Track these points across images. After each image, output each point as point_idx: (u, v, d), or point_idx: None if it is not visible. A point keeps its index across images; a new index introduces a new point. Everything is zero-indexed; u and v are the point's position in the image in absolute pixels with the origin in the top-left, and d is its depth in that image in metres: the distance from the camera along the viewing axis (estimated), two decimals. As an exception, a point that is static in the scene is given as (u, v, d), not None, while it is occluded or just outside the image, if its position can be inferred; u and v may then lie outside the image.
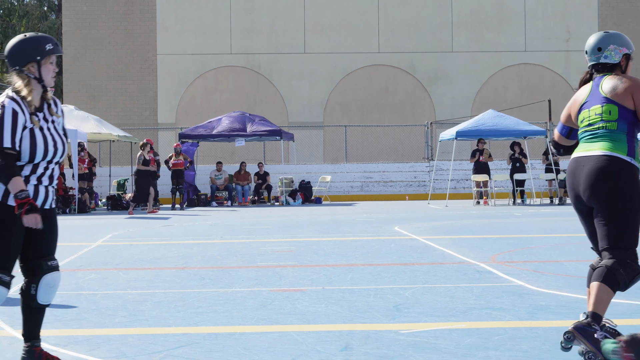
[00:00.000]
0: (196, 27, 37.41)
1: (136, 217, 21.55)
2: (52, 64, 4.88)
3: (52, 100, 4.98)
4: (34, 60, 4.84)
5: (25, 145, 4.78)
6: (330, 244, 12.71)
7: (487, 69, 38.09)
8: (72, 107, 28.86)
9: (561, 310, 6.70)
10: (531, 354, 5.24)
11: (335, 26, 37.51)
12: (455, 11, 37.94)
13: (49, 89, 4.93)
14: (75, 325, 6.41)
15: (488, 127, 25.47)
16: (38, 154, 4.80)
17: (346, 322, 6.38)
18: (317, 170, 30.60)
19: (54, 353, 5.43)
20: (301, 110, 37.78)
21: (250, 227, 16.58)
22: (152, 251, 11.99)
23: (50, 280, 4.94)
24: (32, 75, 4.85)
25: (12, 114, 4.74)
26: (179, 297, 7.66)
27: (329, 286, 8.21)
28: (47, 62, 4.87)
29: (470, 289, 7.86)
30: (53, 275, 4.95)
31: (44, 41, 4.88)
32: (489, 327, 6.09)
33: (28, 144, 4.78)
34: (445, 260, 10.39)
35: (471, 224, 16.92)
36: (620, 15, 38.31)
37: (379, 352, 5.33)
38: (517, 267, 9.42)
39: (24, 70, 4.85)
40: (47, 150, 4.84)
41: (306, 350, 5.42)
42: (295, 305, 7.10)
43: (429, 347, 5.45)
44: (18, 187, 4.67)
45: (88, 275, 9.32)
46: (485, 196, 26.12)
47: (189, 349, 5.49)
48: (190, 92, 37.68)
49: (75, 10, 37.44)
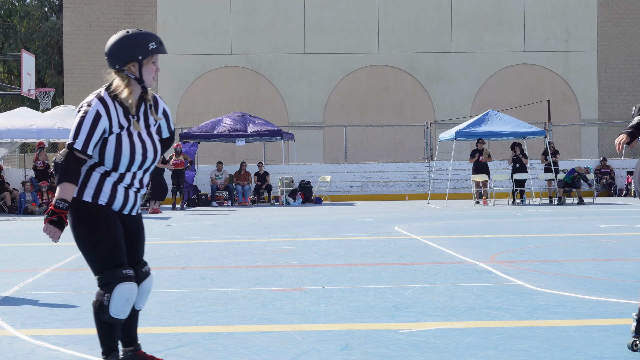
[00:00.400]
0: (196, 27, 37.42)
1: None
2: (154, 64, 4.56)
3: (153, 100, 4.70)
4: (136, 59, 4.52)
5: (109, 152, 4.49)
6: (330, 243, 12.72)
7: (487, 69, 38.10)
8: (72, 107, 28.91)
9: (560, 309, 6.71)
10: (530, 353, 5.25)
11: (335, 26, 37.53)
12: (455, 11, 37.95)
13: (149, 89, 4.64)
14: (76, 324, 6.42)
15: (487, 127, 25.48)
16: (122, 163, 4.53)
17: (346, 321, 6.39)
18: (317, 170, 30.61)
19: (55, 352, 5.44)
20: (301, 110, 37.79)
21: (250, 227, 16.59)
22: (152, 251, 11.99)
23: (147, 287, 4.74)
24: (133, 76, 4.54)
25: (94, 117, 4.44)
26: (180, 296, 7.68)
27: (329, 286, 8.22)
28: (150, 62, 4.55)
29: (469, 289, 7.88)
30: (148, 281, 4.75)
31: (147, 39, 4.55)
32: (489, 327, 6.10)
33: (113, 151, 4.50)
34: (444, 260, 10.40)
35: (471, 224, 16.92)
36: (620, 16, 38.33)
37: (378, 352, 5.34)
38: (517, 267, 9.43)
39: (124, 69, 4.53)
40: (133, 159, 4.54)
41: (306, 349, 5.43)
42: (296, 305, 7.11)
43: (429, 346, 5.47)
44: (64, 195, 4.42)
45: (89, 275, 9.32)
46: (484, 196, 26.13)
47: (189, 349, 5.50)
48: (191, 92, 37.69)
49: (75, 11, 37.46)
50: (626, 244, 12.05)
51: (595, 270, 9.13)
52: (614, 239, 12.89)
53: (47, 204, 23.66)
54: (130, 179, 4.60)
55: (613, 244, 12.03)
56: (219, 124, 28.76)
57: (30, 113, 25.04)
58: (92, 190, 4.52)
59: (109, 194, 4.55)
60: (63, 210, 4.44)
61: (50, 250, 12.27)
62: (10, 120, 24.20)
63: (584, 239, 12.87)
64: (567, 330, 5.90)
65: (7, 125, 23.82)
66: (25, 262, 10.84)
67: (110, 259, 4.49)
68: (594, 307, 6.81)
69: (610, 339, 5.61)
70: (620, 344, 5.45)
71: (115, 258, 4.50)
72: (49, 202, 23.73)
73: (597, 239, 12.94)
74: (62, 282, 8.84)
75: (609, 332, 5.80)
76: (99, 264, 4.50)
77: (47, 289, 8.32)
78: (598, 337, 5.68)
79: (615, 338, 5.62)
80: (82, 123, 4.43)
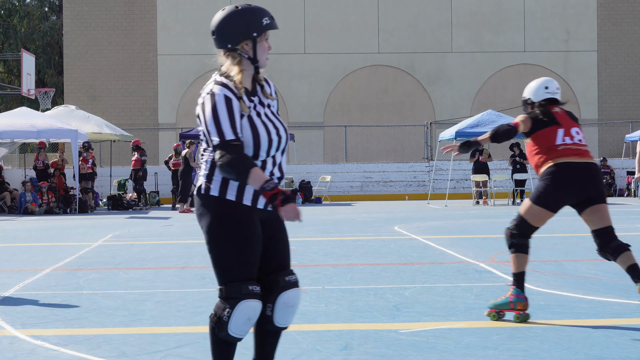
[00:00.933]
0: (197, 27, 37.41)
1: (136, 217, 21.55)
2: (267, 41, 4.14)
3: (265, 80, 4.22)
4: (250, 37, 4.08)
5: (247, 137, 4.01)
6: (330, 243, 12.72)
7: (487, 69, 38.10)
8: (72, 107, 28.87)
9: (560, 309, 6.72)
10: (530, 353, 5.25)
11: (335, 26, 37.52)
12: (455, 11, 37.95)
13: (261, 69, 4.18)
14: (76, 324, 6.42)
15: (487, 127, 25.46)
16: (263, 145, 4.03)
17: (346, 321, 6.40)
18: (317, 170, 30.61)
19: (55, 352, 5.44)
20: (301, 110, 37.79)
21: (250, 227, 16.56)
22: (152, 251, 12.00)
23: (290, 299, 4.07)
24: (246, 55, 4.10)
25: (226, 102, 3.99)
26: (180, 296, 7.68)
27: (329, 286, 8.22)
28: (263, 39, 4.12)
29: (469, 289, 7.88)
30: (293, 292, 4.09)
31: (260, 14, 4.10)
32: (488, 327, 6.10)
33: (250, 135, 4.02)
34: (444, 259, 10.40)
35: (471, 224, 16.93)
36: (619, 16, 38.32)
37: (378, 352, 5.34)
38: (517, 267, 9.42)
39: (237, 49, 4.09)
40: (271, 140, 4.06)
41: (306, 349, 5.43)
42: (295, 305, 7.11)
43: (429, 346, 5.47)
44: (261, 178, 3.89)
45: (89, 275, 9.33)
46: (484, 196, 26.14)
47: (190, 349, 5.50)
48: (191, 92, 37.68)
49: (76, 11, 37.46)
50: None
51: (595, 270, 9.13)
52: (614, 239, 12.88)
53: (47, 204, 23.66)
54: (272, 165, 4.10)
55: (613, 244, 12.02)
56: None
57: (30, 113, 25.02)
58: (236, 185, 4.02)
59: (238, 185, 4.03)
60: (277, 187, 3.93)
61: (50, 251, 12.28)
62: (10, 120, 24.19)
63: (584, 239, 12.85)
64: (567, 330, 5.90)
65: (7, 125, 23.81)
66: (25, 262, 10.84)
67: (239, 272, 3.98)
68: (594, 307, 6.81)
69: (611, 338, 5.61)
70: (621, 343, 5.45)
71: (244, 272, 3.98)
72: (49, 202, 23.72)
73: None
74: (62, 282, 8.84)
75: (609, 332, 5.80)
76: (226, 274, 4.01)
77: (47, 289, 8.32)
78: (598, 337, 5.68)
79: (615, 338, 5.62)
80: (218, 113, 3.97)
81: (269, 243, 4.10)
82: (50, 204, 23.76)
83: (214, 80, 4.11)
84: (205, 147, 4.13)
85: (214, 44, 4.16)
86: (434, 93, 37.96)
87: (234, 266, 3.99)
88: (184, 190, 23.16)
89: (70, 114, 27.73)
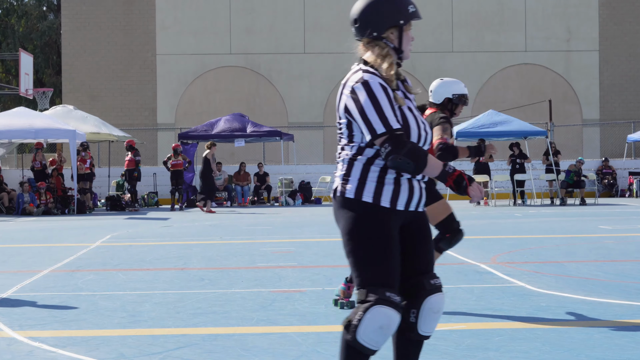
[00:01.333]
0: (196, 27, 37.40)
1: (135, 217, 21.53)
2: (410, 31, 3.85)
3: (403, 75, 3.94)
4: (396, 24, 3.79)
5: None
6: (330, 244, 12.68)
7: (488, 69, 38.09)
8: (71, 107, 28.86)
9: (562, 311, 6.68)
10: (531, 355, 5.22)
11: (335, 26, 37.50)
12: (456, 11, 37.94)
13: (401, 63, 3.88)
14: (74, 326, 6.38)
15: (488, 127, 25.45)
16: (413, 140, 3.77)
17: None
18: (317, 171, 30.57)
19: (53, 354, 5.40)
20: (301, 110, 37.77)
21: (249, 228, 16.55)
22: (151, 252, 11.96)
23: (436, 304, 3.83)
24: (392, 45, 3.81)
25: (382, 88, 3.69)
26: (178, 298, 7.64)
27: (329, 287, 8.18)
28: (409, 28, 3.82)
29: (470, 290, 7.84)
30: (438, 297, 3.85)
31: (405, 1, 3.80)
32: (489, 328, 6.07)
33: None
34: (445, 261, 10.36)
35: (472, 225, 16.90)
36: (621, 16, 38.31)
37: (379, 353, 5.28)
38: (518, 268, 9.40)
39: (383, 37, 3.81)
40: (420, 135, 3.80)
41: (306, 351, 5.40)
42: (295, 306, 7.08)
43: (429, 348, 5.43)
44: (438, 163, 3.73)
45: (87, 276, 9.30)
46: (485, 197, 26.10)
47: (188, 350, 5.47)
48: (190, 92, 37.67)
49: (74, 10, 37.43)
50: (628, 245, 12.02)
51: (596, 272, 9.09)
52: (616, 239, 12.86)
53: (45, 204, 23.62)
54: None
55: (615, 245, 12.00)
56: (217, 124, 28.73)
57: (28, 113, 24.99)
58: (373, 186, 3.74)
59: (392, 188, 3.75)
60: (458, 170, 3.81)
61: (48, 252, 12.24)
62: (8, 120, 24.16)
63: (586, 240, 12.83)
64: (568, 332, 5.87)
65: (5, 125, 23.78)
66: (23, 263, 10.80)
67: (378, 276, 3.71)
68: (595, 309, 6.78)
69: (612, 340, 5.58)
70: (622, 345, 5.41)
71: (383, 276, 3.71)
72: (47, 203, 23.68)
73: (598, 240, 12.90)
74: (60, 283, 8.80)
75: (611, 334, 5.77)
76: (364, 278, 3.72)
77: (45, 290, 8.28)
78: (600, 338, 5.64)
79: (616, 340, 5.59)
80: (378, 101, 3.67)
81: (411, 245, 3.84)
82: (48, 205, 23.73)
83: (359, 69, 3.82)
84: (345, 143, 3.86)
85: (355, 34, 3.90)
86: (434, 93, 37.91)
87: (373, 269, 3.72)
88: (207, 191, 23.31)
89: (69, 114, 27.72)
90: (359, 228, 3.74)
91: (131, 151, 25.84)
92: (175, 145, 26.20)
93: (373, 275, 3.70)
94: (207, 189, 23.40)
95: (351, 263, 3.77)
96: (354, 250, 3.74)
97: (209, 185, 23.42)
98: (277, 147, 32.52)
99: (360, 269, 3.72)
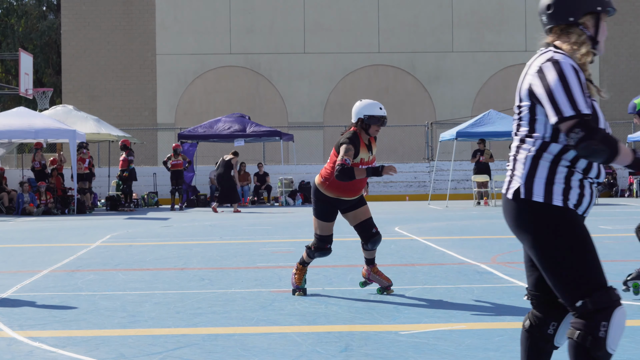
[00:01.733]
0: (196, 27, 37.38)
1: (135, 218, 21.53)
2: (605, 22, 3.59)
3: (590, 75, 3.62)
4: (594, 11, 3.54)
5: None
6: (330, 244, 12.67)
7: (488, 69, 38.08)
8: (71, 107, 28.84)
9: (562, 311, 6.67)
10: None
11: (335, 26, 37.50)
12: (456, 11, 37.93)
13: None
14: (74, 326, 6.38)
15: (488, 127, 25.45)
16: None
17: (346, 323, 6.36)
18: (317, 171, 30.42)
19: (53, 354, 5.39)
20: (301, 110, 37.76)
21: (249, 228, 16.55)
22: (151, 252, 11.96)
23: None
24: (589, 33, 3.56)
25: (574, 70, 3.43)
26: (179, 298, 7.64)
27: (329, 287, 8.18)
28: (605, 18, 3.58)
29: (470, 290, 7.84)
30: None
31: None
32: (490, 328, 6.07)
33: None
34: (445, 261, 10.36)
35: (472, 225, 16.89)
36: (621, 15, 38.30)
37: (379, 353, 5.30)
38: (518, 268, 9.39)
39: (579, 23, 3.56)
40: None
41: (306, 351, 5.39)
42: (295, 306, 7.07)
43: (429, 348, 5.43)
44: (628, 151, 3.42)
45: (87, 276, 9.29)
46: (485, 197, 26.10)
47: (188, 350, 5.46)
48: (190, 92, 37.66)
49: (74, 10, 37.42)
50: (628, 245, 12.01)
51: (596, 271, 9.07)
52: (616, 239, 12.85)
53: (45, 204, 23.59)
54: (597, 166, 3.56)
55: (615, 245, 12.00)
56: (217, 124, 28.72)
57: (28, 113, 24.98)
58: (561, 188, 3.49)
59: (578, 192, 3.51)
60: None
61: (48, 252, 12.24)
62: (8, 120, 24.14)
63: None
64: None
65: (5, 125, 23.77)
66: (23, 263, 10.80)
67: (601, 279, 3.47)
68: (596, 309, 6.76)
69: (613, 340, 5.56)
70: (622, 345, 5.40)
71: (604, 279, 3.48)
72: (47, 203, 23.66)
73: (598, 239, 12.83)
74: (60, 283, 8.79)
75: (612, 334, 5.75)
76: (587, 285, 3.45)
77: (45, 290, 8.28)
78: (601, 339, 5.63)
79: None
80: (568, 82, 3.40)
81: None
82: (48, 205, 23.72)
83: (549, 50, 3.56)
84: (524, 133, 3.58)
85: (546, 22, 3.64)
86: (434, 93, 37.94)
87: (593, 274, 3.46)
88: (231, 192, 23.42)
89: (69, 113, 27.71)
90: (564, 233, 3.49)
91: (125, 151, 25.83)
92: (175, 145, 26.20)
93: (598, 278, 3.47)
94: (232, 190, 23.59)
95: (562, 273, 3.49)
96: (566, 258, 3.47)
97: (231, 187, 23.57)
98: (277, 147, 32.50)
99: (579, 276, 3.46)
